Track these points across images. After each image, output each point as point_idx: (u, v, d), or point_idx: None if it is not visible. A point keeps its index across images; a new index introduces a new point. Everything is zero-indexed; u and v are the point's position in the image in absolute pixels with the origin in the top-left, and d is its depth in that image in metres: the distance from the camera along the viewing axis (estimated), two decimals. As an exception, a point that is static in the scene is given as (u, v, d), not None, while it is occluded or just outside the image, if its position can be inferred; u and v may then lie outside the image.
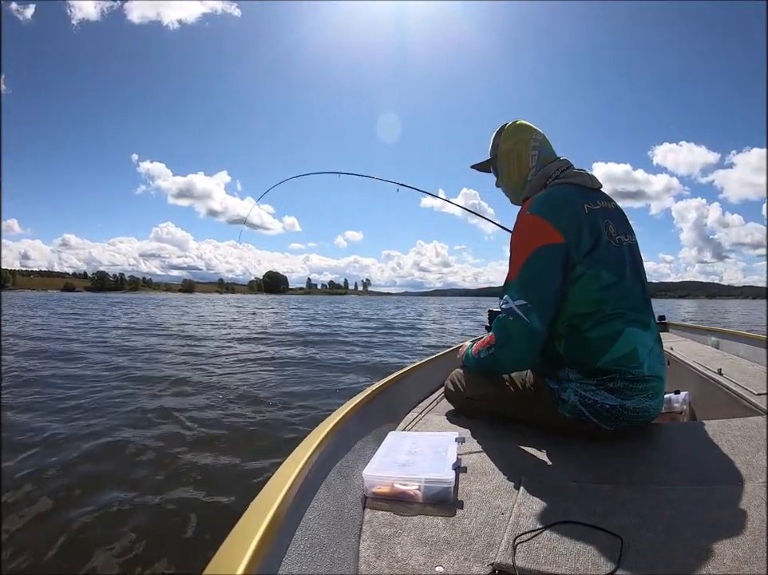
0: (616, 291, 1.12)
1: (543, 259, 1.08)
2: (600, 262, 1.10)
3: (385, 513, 0.83)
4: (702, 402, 1.77)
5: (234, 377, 4.80)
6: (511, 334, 1.11)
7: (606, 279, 1.10)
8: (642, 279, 1.23)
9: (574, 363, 1.15)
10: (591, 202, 1.17)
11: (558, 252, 1.07)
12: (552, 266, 1.08)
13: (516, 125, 1.35)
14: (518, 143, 1.32)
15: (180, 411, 3.32)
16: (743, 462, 0.97)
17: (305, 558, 0.62)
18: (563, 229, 1.08)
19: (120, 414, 3.25)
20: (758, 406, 1.36)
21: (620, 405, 1.10)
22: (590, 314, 1.11)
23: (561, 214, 1.10)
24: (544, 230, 1.08)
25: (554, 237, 1.07)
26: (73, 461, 2.36)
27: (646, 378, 1.12)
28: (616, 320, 1.11)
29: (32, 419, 3.11)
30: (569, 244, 1.08)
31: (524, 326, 1.08)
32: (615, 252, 1.14)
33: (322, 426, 0.95)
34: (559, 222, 1.09)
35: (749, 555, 0.64)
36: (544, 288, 1.08)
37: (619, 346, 1.10)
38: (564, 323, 1.15)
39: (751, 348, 2.29)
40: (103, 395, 3.85)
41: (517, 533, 0.72)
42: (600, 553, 0.66)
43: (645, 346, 1.13)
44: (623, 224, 1.25)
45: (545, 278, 1.08)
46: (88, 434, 2.80)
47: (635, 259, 1.22)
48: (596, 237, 1.11)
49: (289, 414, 3.34)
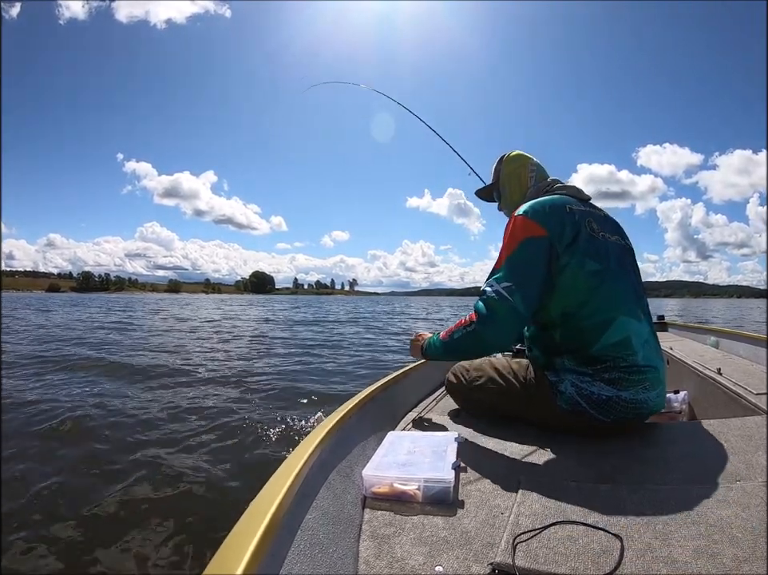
0: (603, 278, 1.19)
1: (528, 249, 1.18)
2: (583, 252, 1.19)
3: (384, 512, 0.83)
4: (702, 402, 1.78)
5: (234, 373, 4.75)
6: (496, 310, 1.15)
7: (591, 266, 1.19)
8: (632, 275, 1.30)
9: (569, 351, 1.22)
10: (575, 205, 1.28)
11: (542, 243, 1.17)
12: (537, 255, 1.17)
13: (515, 154, 1.52)
14: (518, 167, 1.49)
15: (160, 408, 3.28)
16: (743, 462, 0.97)
17: (305, 558, 0.61)
18: (546, 224, 1.19)
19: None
20: (758, 406, 1.38)
21: (616, 396, 1.14)
22: (583, 302, 1.19)
23: (545, 213, 1.22)
24: (530, 226, 1.19)
25: (538, 231, 1.18)
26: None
27: (641, 369, 1.16)
28: (608, 309, 1.18)
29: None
30: (552, 237, 1.18)
31: (509, 305, 1.14)
32: (597, 244, 1.23)
33: (322, 426, 0.95)
34: (543, 219, 1.20)
35: (749, 554, 0.64)
36: (529, 274, 1.17)
37: (611, 333, 1.16)
38: (558, 311, 1.22)
39: (751, 348, 2.30)
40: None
41: (517, 533, 0.72)
42: (600, 552, 0.67)
43: (639, 336, 1.19)
44: (610, 225, 1.33)
45: (530, 265, 1.17)
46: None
47: (623, 256, 1.30)
48: (577, 230, 1.21)
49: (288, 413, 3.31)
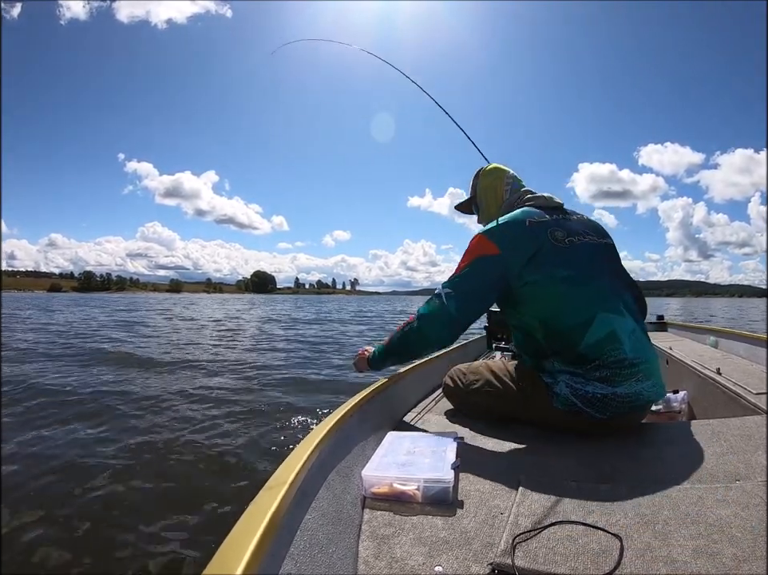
0: (575, 282, 1.21)
1: (478, 265, 1.26)
2: (550, 262, 1.22)
3: (384, 513, 0.83)
4: (701, 402, 1.78)
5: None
6: (431, 309, 1.27)
7: (560, 273, 1.21)
8: (609, 273, 1.30)
9: (556, 353, 1.23)
10: (539, 217, 1.30)
11: (494, 261, 1.24)
12: (486, 271, 1.25)
13: (491, 167, 1.57)
14: (494, 180, 1.53)
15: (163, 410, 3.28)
16: (742, 461, 0.97)
17: (304, 558, 0.61)
18: (500, 243, 1.24)
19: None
20: (757, 406, 1.37)
21: (611, 392, 1.15)
22: (557, 308, 1.22)
23: (502, 233, 1.27)
24: (486, 245, 1.26)
25: (492, 250, 1.24)
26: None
27: (632, 362, 1.17)
28: (586, 309, 1.20)
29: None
30: (505, 255, 1.23)
31: (443, 307, 1.24)
32: (564, 252, 1.25)
33: (322, 426, 0.94)
34: (499, 238, 1.25)
35: (748, 554, 0.64)
36: (472, 287, 1.25)
37: (594, 330, 1.18)
38: (535, 319, 1.25)
39: (750, 347, 2.29)
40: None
41: (516, 533, 0.72)
42: (599, 552, 0.66)
43: (624, 328, 1.20)
44: (581, 226, 1.35)
45: (475, 279, 1.25)
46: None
47: (597, 254, 1.31)
48: (539, 244, 1.24)
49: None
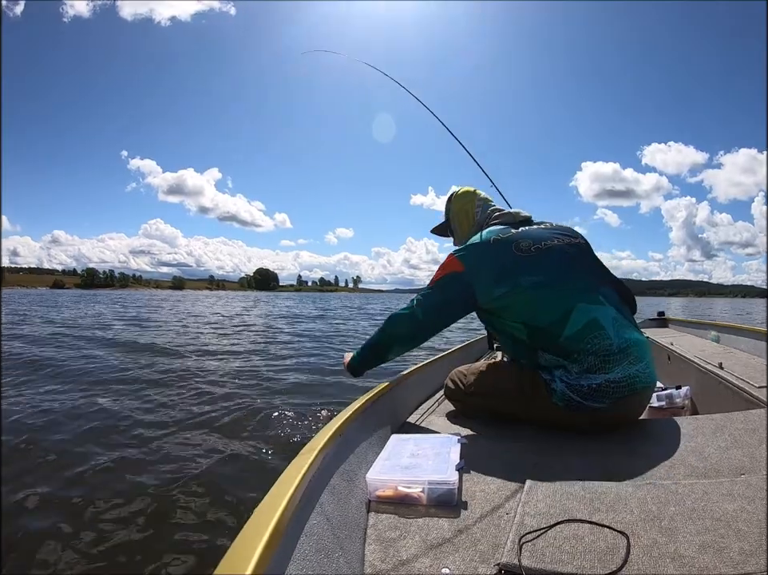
0: (547, 284, 1.27)
1: (446, 280, 1.38)
2: (515, 273, 1.30)
3: (389, 516, 0.83)
4: (704, 397, 1.79)
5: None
6: (400, 311, 1.42)
7: (528, 280, 1.28)
8: (583, 270, 1.36)
9: (544, 349, 1.26)
10: (503, 233, 1.39)
11: (458, 277, 1.36)
12: (452, 286, 1.37)
13: (463, 191, 1.69)
14: (466, 203, 1.65)
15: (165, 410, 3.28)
16: (746, 455, 0.98)
17: (310, 563, 0.61)
18: (465, 262, 1.36)
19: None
20: (760, 399, 1.38)
21: (605, 380, 1.17)
22: (534, 311, 1.28)
23: (468, 253, 1.38)
24: (454, 263, 1.38)
25: (459, 268, 1.36)
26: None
27: (620, 347, 1.19)
28: (563, 304, 1.25)
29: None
30: (469, 272, 1.34)
31: (411, 310, 1.39)
32: (530, 260, 1.32)
33: (325, 431, 0.94)
34: (465, 258, 1.37)
35: (755, 548, 0.64)
36: (438, 298, 1.38)
37: (574, 320, 1.22)
38: (514, 323, 1.32)
39: (751, 342, 2.30)
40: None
41: (522, 533, 0.72)
42: (606, 550, 0.66)
43: (605, 316, 1.24)
44: (550, 232, 1.42)
45: (442, 292, 1.38)
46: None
47: (568, 255, 1.36)
48: (503, 260, 1.33)
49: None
